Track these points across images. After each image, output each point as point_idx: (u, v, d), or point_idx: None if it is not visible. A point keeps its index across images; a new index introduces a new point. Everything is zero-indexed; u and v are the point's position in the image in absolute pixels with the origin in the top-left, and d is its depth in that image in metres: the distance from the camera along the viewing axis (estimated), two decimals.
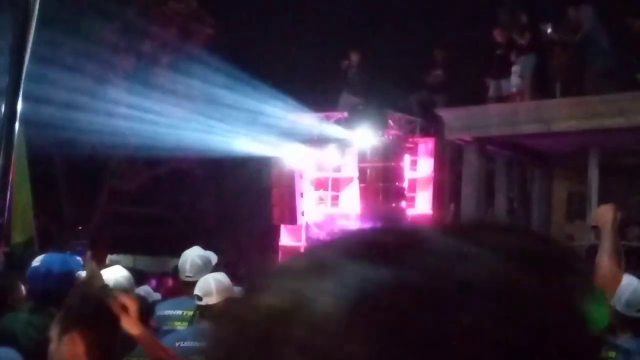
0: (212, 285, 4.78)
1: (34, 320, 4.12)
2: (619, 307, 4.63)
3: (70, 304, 3.08)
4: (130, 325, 3.36)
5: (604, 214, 4.07)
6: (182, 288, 5.57)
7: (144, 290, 7.13)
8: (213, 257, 5.60)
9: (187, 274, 5.39)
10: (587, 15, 13.10)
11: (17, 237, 8.59)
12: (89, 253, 6.37)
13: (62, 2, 14.82)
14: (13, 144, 5.08)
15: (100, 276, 4.82)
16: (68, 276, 4.30)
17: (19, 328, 4.11)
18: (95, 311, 2.96)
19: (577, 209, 14.22)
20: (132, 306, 3.35)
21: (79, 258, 5.04)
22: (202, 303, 4.76)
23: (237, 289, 4.95)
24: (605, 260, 3.75)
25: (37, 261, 4.40)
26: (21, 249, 8.51)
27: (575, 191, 14.41)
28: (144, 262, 25.25)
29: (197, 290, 4.80)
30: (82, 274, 4.44)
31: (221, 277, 4.90)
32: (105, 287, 4.27)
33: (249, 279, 0.60)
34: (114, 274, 4.95)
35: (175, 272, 10.51)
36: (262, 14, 19.43)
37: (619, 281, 4.06)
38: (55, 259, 4.46)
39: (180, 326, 5.17)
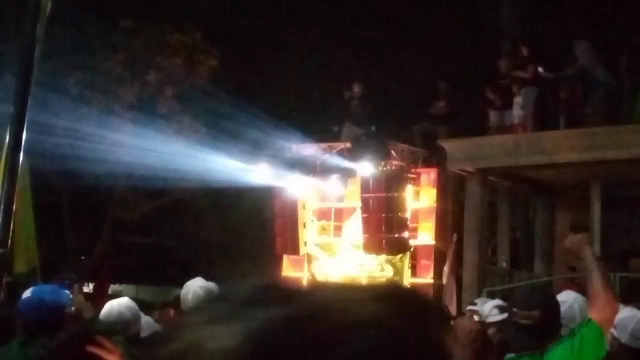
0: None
1: (27, 352, 4.13)
2: (623, 339, 4.63)
3: (58, 345, 3.09)
4: None
5: (576, 243, 4.10)
6: None
7: (145, 322, 7.13)
8: (215, 288, 5.61)
9: (189, 305, 5.41)
10: (583, 49, 13.20)
11: (20, 267, 8.61)
12: (76, 286, 6.38)
13: (68, 33, 14.97)
14: (17, 174, 5.13)
15: (89, 308, 4.84)
16: (59, 307, 4.33)
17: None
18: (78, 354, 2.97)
19: None
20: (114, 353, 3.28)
21: (66, 291, 5.06)
22: None
23: None
24: (601, 292, 3.76)
25: (27, 293, 4.41)
26: (24, 279, 8.52)
27: (578, 222, 14.40)
28: (147, 292, 25.21)
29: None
30: (71, 306, 4.46)
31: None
32: (94, 320, 4.28)
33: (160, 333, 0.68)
34: (118, 304, 4.96)
35: (176, 303, 10.50)
36: (265, 46, 19.56)
37: (616, 311, 4.07)
38: (45, 290, 4.47)
39: None
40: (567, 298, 4.94)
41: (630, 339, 4.65)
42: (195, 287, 5.47)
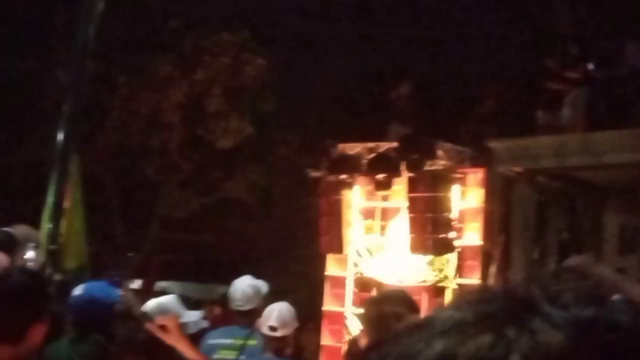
0: (287, 317, 4.82)
1: (79, 348, 4.17)
2: None
3: (126, 335, 3.15)
4: (176, 341, 3.38)
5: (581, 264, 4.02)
6: (232, 317, 5.61)
7: (193, 317, 7.19)
8: (263, 286, 5.64)
9: (238, 303, 5.44)
10: (633, 49, 13.00)
11: (70, 264, 8.75)
12: (126, 282, 6.44)
13: (118, 31, 15.18)
14: (68, 172, 5.22)
15: (138, 305, 4.89)
16: (110, 304, 4.36)
17: (65, 357, 4.16)
18: (149, 341, 3.03)
19: (630, 242, 14.00)
20: (171, 323, 3.38)
21: (116, 288, 5.10)
22: (277, 334, 4.77)
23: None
24: None
25: (79, 289, 4.46)
26: (73, 276, 8.66)
27: (628, 224, 14.19)
28: (192, 289, 25.43)
29: (271, 322, 4.81)
30: (120, 303, 4.50)
31: (290, 308, 4.95)
32: (144, 315, 4.34)
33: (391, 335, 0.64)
34: (161, 298, 5.00)
35: (223, 300, 10.59)
36: (312, 45, 19.60)
37: None
38: (97, 287, 4.52)
39: (230, 355, 5.20)
40: None
41: None
42: (244, 285, 5.51)
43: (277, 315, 4.88)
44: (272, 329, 4.81)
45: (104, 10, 5.54)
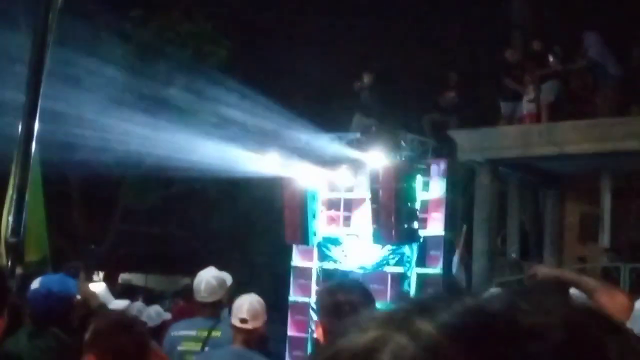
0: (258, 309, 4.82)
1: (37, 343, 4.14)
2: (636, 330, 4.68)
3: (98, 330, 3.13)
4: None
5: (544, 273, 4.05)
6: (197, 309, 5.59)
7: (155, 310, 7.16)
8: (228, 278, 5.62)
9: (202, 295, 5.43)
10: (592, 41, 13.15)
11: (32, 256, 8.64)
12: (82, 274, 6.38)
13: (79, 22, 14.98)
14: (30, 164, 5.16)
15: (95, 297, 4.86)
16: (67, 297, 4.33)
17: (24, 351, 4.12)
18: (124, 337, 3.02)
19: (590, 231, 14.21)
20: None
21: (73, 279, 5.06)
22: (247, 327, 4.78)
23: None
24: (604, 298, 3.68)
25: (36, 283, 4.41)
26: (35, 268, 8.56)
27: (588, 213, 14.40)
28: (156, 281, 25.34)
29: (242, 314, 4.80)
30: (77, 295, 4.47)
31: (261, 300, 4.96)
32: (102, 306, 4.31)
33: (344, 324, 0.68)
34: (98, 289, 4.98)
35: (186, 292, 10.54)
36: (275, 36, 19.56)
37: (631, 308, 4.07)
38: (53, 281, 4.47)
39: (194, 347, 5.19)
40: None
41: None
42: (208, 277, 5.49)
43: (248, 307, 4.88)
44: (243, 321, 4.80)
45: (63, 1, 5.46)
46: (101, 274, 22.16)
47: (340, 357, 0.62)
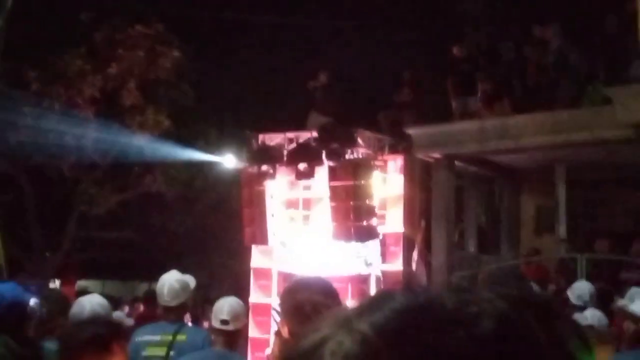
0: (238, 310, 4.81)
1: None
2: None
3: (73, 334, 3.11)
4: None
5: None
6: (160, 313, 5.53)
7: (116, 316, 7.09)
8: (191, 281, 5.58)
9: (165, 299, 5.36)
10: (555, 32, 13.29)
11: None
12: (38, 284, 6.29)
13: (27, 26, 14.74)
14: None
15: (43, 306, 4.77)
16: (19, 304, 4.27)
17: None
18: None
19: (545, 222, 14.37)
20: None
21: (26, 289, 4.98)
22: (229, 328, 4.75)
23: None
24: None
25: None
26: None
27: (543, 205, 14.56)
28: (113, 288, 25.05)
29: (223, 315, 4.77)
30: (32, 303, 4.41)
31: (240, 302, 4.96)
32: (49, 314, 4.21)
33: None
34: (89, 302, 4.91)
35: (147, 298, 10.43)
36: (227, 36, 19.45)
37: None
38: (5, 288, 4.41)
39: (159, 352, 5.13)
40: None
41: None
42: (171, 280, 5.43)
43: (229, 309, 4.85)
44: (224, 322, 4.77)
45: (12, 5, 5.35)
46: (57, 282, 21.84)
47: (293, 355, 0.69)
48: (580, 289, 5.77)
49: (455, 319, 0.65)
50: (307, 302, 2.80)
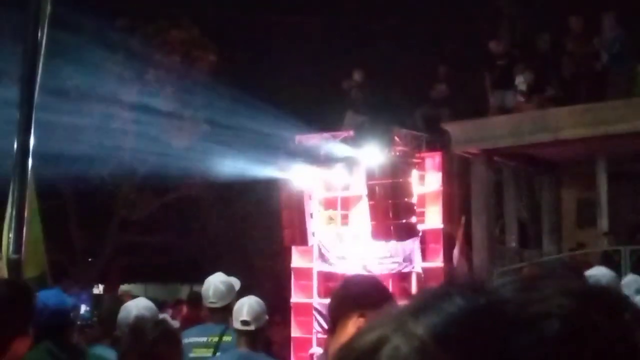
0: (258, 310, 4.84)
1: (30, 356, 4.12)
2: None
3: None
4: None
5: None
6: (206, 315, 5.57)
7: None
8: (236, 283, 5.62)
9: (211, 300, 5.40)
10: (611, 23, 13.08)
11: (30, 273, 8.59)
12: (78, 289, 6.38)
13: (65, 34, 14.92)
14: (27, 180, 5.12)
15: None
16: (62, 311, 4.32)
17: None
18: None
19: (587, 216, 14.21)
20: None
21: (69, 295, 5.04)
22: (250, 328, 4.79)
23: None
24: None
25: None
26: (34, 285, 8.51)
27: (585, 198, 14.40)
28: (155, 291, 25.26)
29: (243, 316, 4.81)
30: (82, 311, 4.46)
31: (260, 301, 4.98)
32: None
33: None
34: (135, 306, 4.95)
35: (191, 299, 10.51)
36: (263, 38, 19.52)
37: None
38: (50, 295, 4.47)
39: (207, 353, 5.17)
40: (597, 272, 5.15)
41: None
42: (216, 282, 5.47)
43: (248, 309, 4.87)
44: (245, 323, 4.79)
45: (51, 12, 5.42)
46: (101, 287, 22.10)
47: (348, 356, 0.65)
48: (630, 282, 5.68)
49: (518, 322, 0.61)
50: (360, 296, 2.77)
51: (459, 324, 0.62)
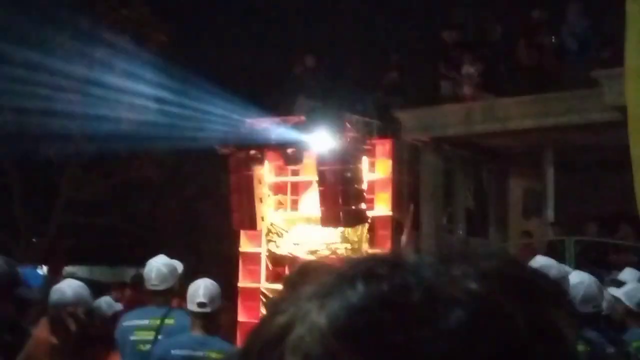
0: (214, 292, 4.81)
1: None
2: (575, 304, 4.77)
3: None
4: None
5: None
6: (148, 297, 5.51)
7: (105, 301, 7.02)
8: (179, 266, 5.56)
9: (153, 282, 5.35)
10: (575, 12, 13.17)
11: None
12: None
13: (12, 9, 14.62)
14: None
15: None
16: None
17: None
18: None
19: (534, 206, 14.41)
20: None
21: (37, 271, 4.95)
22: (206, 310, 4.75)
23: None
24: None
25: None
26: None
27: (531, 188, 14.59)
28: (101, 273, 24.96)
29: (199, 298, 4.77)
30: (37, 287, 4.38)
31: (215, 283, 4.94)
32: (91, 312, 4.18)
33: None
34: (68, 285, 4.77)
35: (134, 282, 10.39)
36: (215, 19, 19.34)
37: None
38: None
39: (147, 335, 5.12)
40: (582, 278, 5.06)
41: (582, 304, 4.78)
42: (158, 264, 5.41)
43: (204, 291, 4.83)
44: (202, 305, 4.75)
45: None
46: (45, 268, 21.77)
47: (257, 341, 0.64)
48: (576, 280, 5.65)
49: (421, 312, 0.58)
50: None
51: (359, 317, 0.59)
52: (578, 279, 4.97)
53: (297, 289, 0.67)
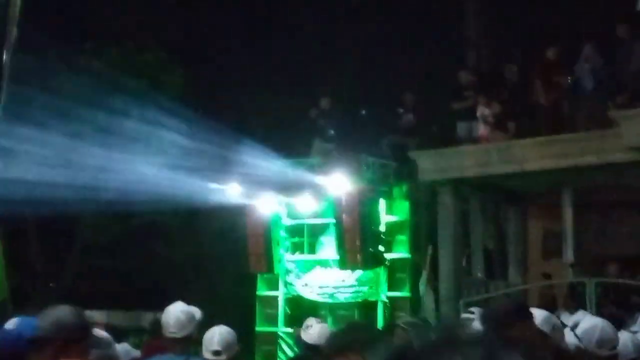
0: (229, 339, 4.78)
1: None
2: (590, 348, 4.70)
3: None
4: None
5: None
6: (166, 345, 5.46)
7: (123, 348, 6.97)
8: (197, 312, 5.51)
9: (172, 330, 5.30)
10: (590, 52, 13.15)
11: None
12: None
13: (29, 56, 14.75)
14: None
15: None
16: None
17: None
18: None
19: (553, 247, 14.26)
20: None
21: None
22: (222, 358, 4.73)
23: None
24: None
25: (10, 324, 4.26)
26: None
27: (551, 229, 14.46)
28: (118, 317, 24.87)
29: (214, 346, 4.75)
30: None
31: (231, 330, 4.92)
32: None
33: None
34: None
35: (153, 329, 10.33)
36: (232, 63, 19.48)
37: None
38: (28, 324, 4.33)
39: None
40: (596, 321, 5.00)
41: (597, 347, 4.72)
42: (176, 311, 5.36)
43: (219, 338, 4.80)
44: (217, 353, 4.72)
45: (18, 36, 5.33)
46: None
47: None
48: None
49: None
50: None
51: None
52: (591, 323, 4.93)
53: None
